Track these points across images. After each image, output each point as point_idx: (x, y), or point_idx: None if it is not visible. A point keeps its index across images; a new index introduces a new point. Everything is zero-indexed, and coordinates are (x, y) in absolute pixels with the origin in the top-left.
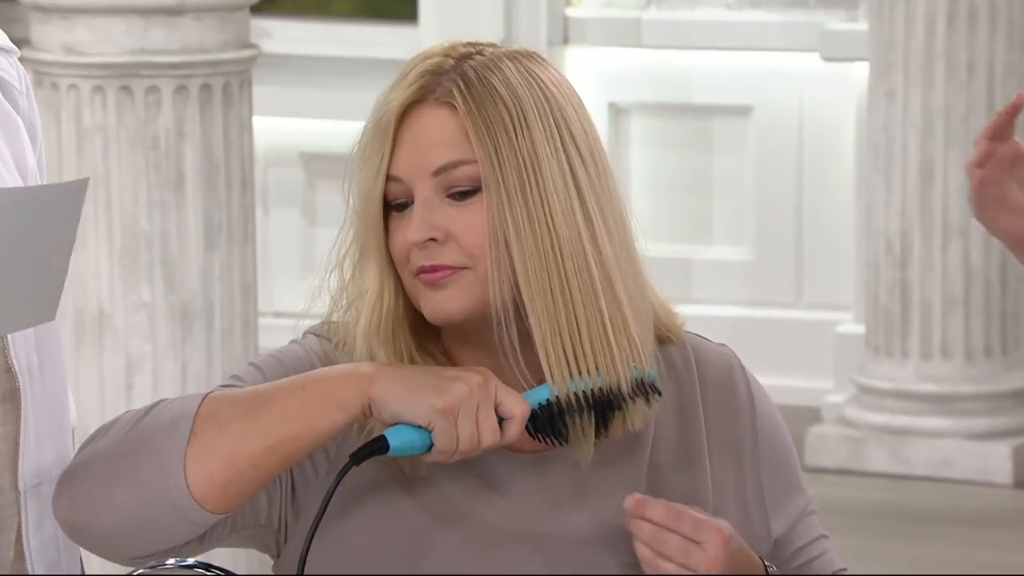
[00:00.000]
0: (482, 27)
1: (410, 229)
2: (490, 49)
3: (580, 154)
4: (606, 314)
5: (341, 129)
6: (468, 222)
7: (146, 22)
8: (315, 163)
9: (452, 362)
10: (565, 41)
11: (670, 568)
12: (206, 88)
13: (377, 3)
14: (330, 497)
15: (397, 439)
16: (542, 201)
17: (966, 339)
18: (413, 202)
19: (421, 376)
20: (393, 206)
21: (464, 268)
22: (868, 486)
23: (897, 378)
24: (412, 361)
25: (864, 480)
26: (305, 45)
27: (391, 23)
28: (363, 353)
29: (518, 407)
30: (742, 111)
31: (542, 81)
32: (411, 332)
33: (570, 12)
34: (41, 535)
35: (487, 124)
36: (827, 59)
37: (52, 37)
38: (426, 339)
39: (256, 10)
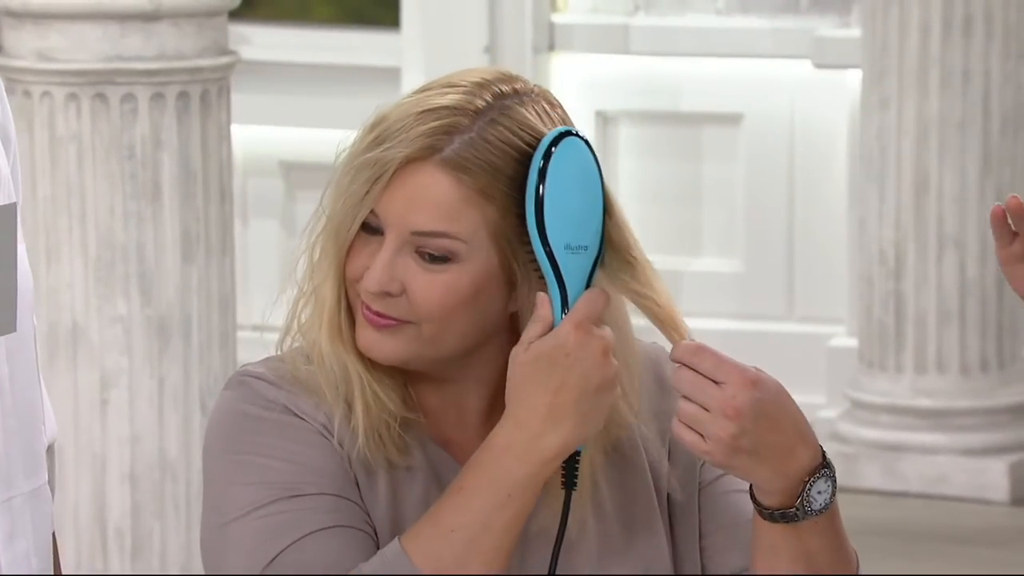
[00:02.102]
0: (467, 34)
1: (368, 275)
2: (507, 99)
3: None
4: None
5: (322, 138)
6: (428, 286)
7: (122, 28)
8: (295, 173)
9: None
10: (551, 48)
11: (683, 408)
12: (183, 96)
13: (359, 9)
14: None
15: None
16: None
17: (962, 353)
18: (383, 232)
19: (561, 399)
20: (365, 225)
21: (409, 323)
22: (861, 503)
23: (891, 393)
24: (373, 361)
25: (857, 497)
26: (285, 52)
27: (373, 29)
28: (331, 358)
29: (597, 301)
30: (732, 119)
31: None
32: None
33: (556, 18)
34: (13, 550)
35: (495, 194)
36: (819, 66)
37: (25, 43)
38: None
39: (235, 16)
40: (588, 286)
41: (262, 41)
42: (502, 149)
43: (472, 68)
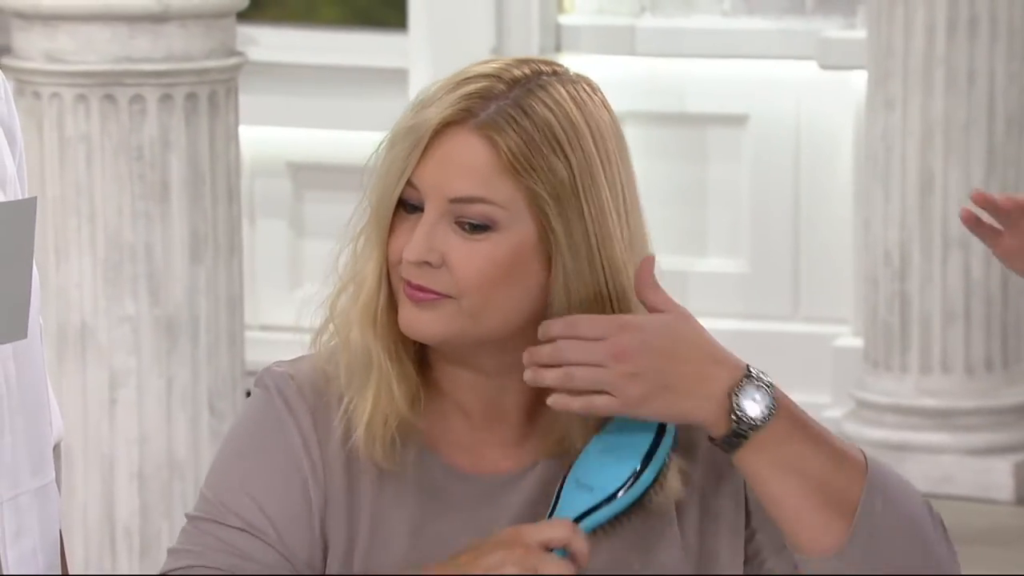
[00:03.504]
0: (474, 35)
1: (409, 246)
2: (544, 76)
3: (614, 201)
4: None
5: (329, 139)
6: (468, 256)
7: (130, 29)
8: (302, 173)
9: (432, 369)
10: (558, 49)
11: (577, 382)
12: (192, 97)
13: (366, 10)
14: None
15: None
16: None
17: (966, 353)
18: (422, 210)
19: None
20: (405, 204)
21: (449, 297)
22: None
23: (896, 393)
24: (397, 354)
25: None
26: (292, 53)
27: (380, 31)
28: (357, 343)
29: (562, 529)
30: (738, 120)
31: (590, 124)
32: (397, 328)
33: (563, 19)
34: (19, 547)
35: (523, 169)
36: (824, 67)
37: (34, 45)
38: (410, 341)
39: (242, 17)
40: (582, 521)
41: (269, 42)
42: (539, 120)
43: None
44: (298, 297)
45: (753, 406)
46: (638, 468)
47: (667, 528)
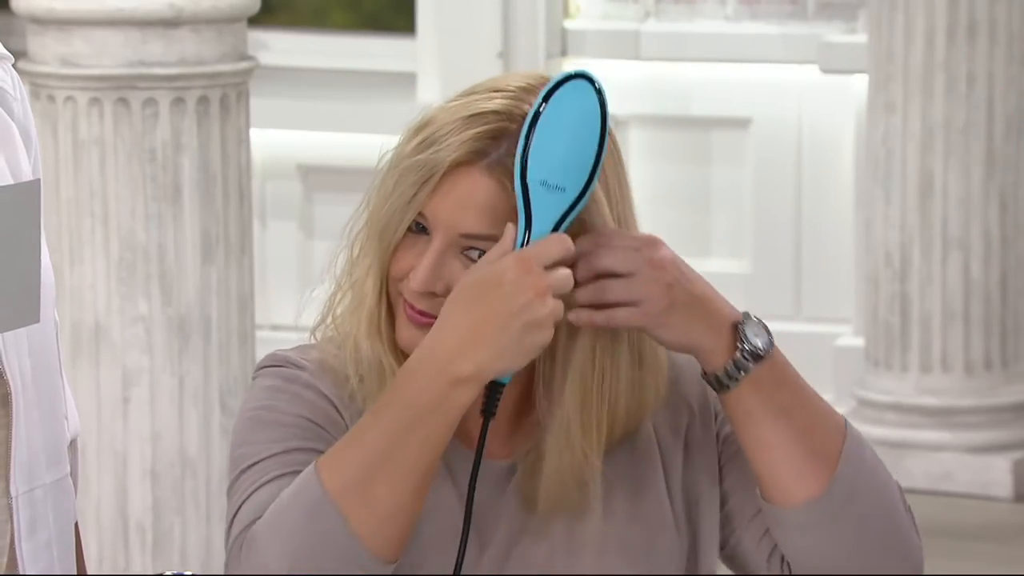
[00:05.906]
0: (480, 40)
1: (415, 275)
2: None
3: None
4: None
5: (338, 141)
6: None
7: (143, 34)
8: (312, 175)
9: None
10: (563, 53)
11: (610, 294)
12: (203, 100)
13: (375, 15)
14: (474, 486)
15: None
16: None
17: (966, 352)
18: (429, 232)
19: (484, 325)
20: (410, 225)
21: None
22: None
23: (897, 391)
24: (399, 359)
25: None
26: (303, 57)
27: (389, 35)
28: (367, 353)
29: (559, 247)
30: (741, 123)
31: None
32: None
33: (569, 24)
34: (34, 541)
35: None
36: (826, 71)
37: (49, 49)
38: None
39: (253, 22)
40: (558, 230)
41: (280, 47)
42: None
43: (515, 72)
44: (308, 297)
45: (756, 339)
46: (597, 156)
47: (652, 474)
